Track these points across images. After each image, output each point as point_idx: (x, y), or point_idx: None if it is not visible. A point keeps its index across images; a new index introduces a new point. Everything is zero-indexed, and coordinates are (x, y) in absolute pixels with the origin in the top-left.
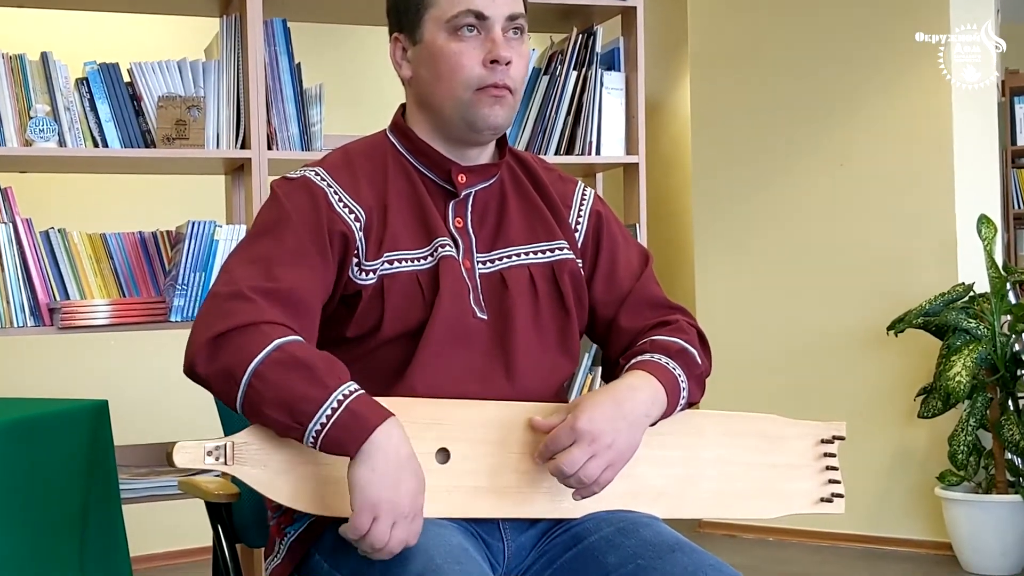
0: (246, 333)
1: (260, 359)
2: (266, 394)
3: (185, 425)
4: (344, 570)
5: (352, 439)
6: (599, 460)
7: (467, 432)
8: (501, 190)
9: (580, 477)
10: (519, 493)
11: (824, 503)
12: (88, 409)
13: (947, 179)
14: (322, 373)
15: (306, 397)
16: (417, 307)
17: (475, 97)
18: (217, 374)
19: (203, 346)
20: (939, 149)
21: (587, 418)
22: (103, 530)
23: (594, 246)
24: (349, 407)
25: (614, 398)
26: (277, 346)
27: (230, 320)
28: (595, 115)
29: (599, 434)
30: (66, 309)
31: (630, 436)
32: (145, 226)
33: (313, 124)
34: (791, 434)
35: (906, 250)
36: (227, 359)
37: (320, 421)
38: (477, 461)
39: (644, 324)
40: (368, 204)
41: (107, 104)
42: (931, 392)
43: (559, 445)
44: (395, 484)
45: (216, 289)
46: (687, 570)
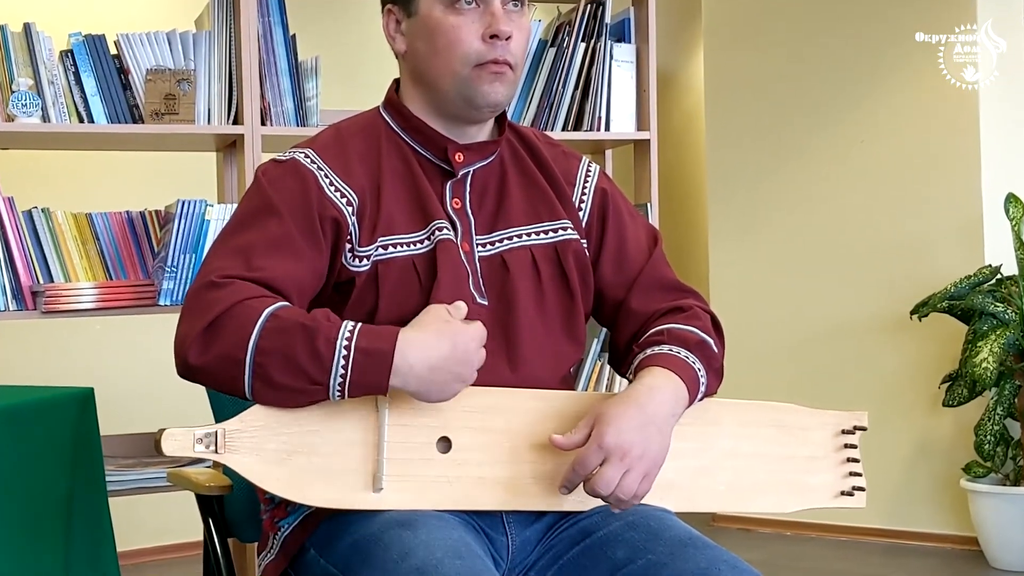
0: (233, 313)
1: (257, 333)
2: (274, 366)
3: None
4: (340, 565)
5: (376, 375)
6: (634, 474)
7: (469, 420)
8: (501, 168)
9: (618, 496)
10: (524, 484)
11: (845, 496)
12: (73, 397)
13: (973, 155)
14: (321, 326)
15: (315, 355)
16: (414, 294)
17: (474, 73)
18: (216, 362)
19: (194, 340)
20: (965, 124)
21: (613, 431)
22: (88, 524)
23: (600, 225)
24: (358, 347)
25: (637, 403)
26: (269, 314)
27: (215, 308)
28: (604, 89)
29: (630, 446)
30: (50, 292)
31: (661, 440)
32: (133, 205)
33: (309, 99)
34: (810, 424)
35: (930, 230)
36: (223, 344)
37: (339, 373)
38: (480, 451)
39: (655, 308)
40: (361, 186)
41: (93, 77)
42: (956, 379)
43: (588, 468)
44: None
45: (195, 286)
46: (700, 566)
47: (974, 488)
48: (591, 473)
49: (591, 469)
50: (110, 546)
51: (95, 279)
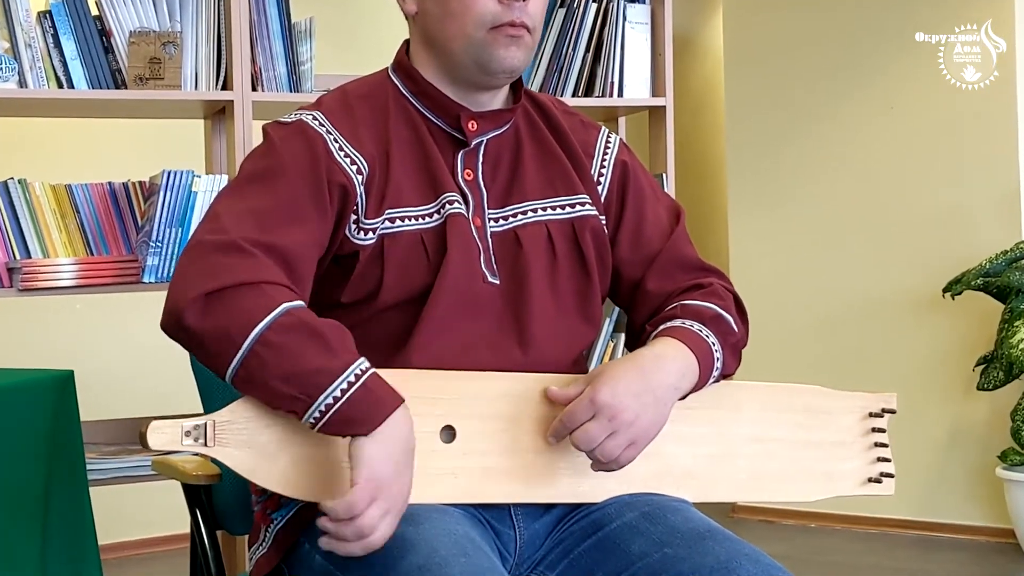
0: (248, 292)
1: (267, 323)
2: (271, 362)
3: (159, 399)
4: (337, 562)
5: (367, 419)
6: (619, 438)
7: (475, 407)
8: (516, 138)
9: (597, 456)
10: (533, 475)
11: (872, 484)
12: (51, 380)
13: (1010, 123)
14: (335, 344)
15: (320, 369)
16: (421, 270)
17: (489, 36)
18: (212, 332)
19: (195, 300)
20: (1001, 89)
21: (608, 390)
22: (68, 516)
23: (619, 201)
24: (366, 384)
25: (639, 368)
26: (285, 310)
27: (228, 276)
28: (617, 52)
29: (621, 409)
30: (27, 269)
31: (656, 411)
32: (115, 176)
33: (302, 63)
34: (836, 407)
35: (964, 202)
36: (226, 318)
37: (333, 395)
38: (486, 440)
39: (674, 287)
40: (370, 153)
41: (73, 40)
42: (992, 361)
43: (576, 421)
44: (400, 474)
45: (204, 237)
46: (719, 560)
47: (1011, 477)
48: (578, 426)
49: (578, 423)
50: (91, 539)
51: (75, 255)
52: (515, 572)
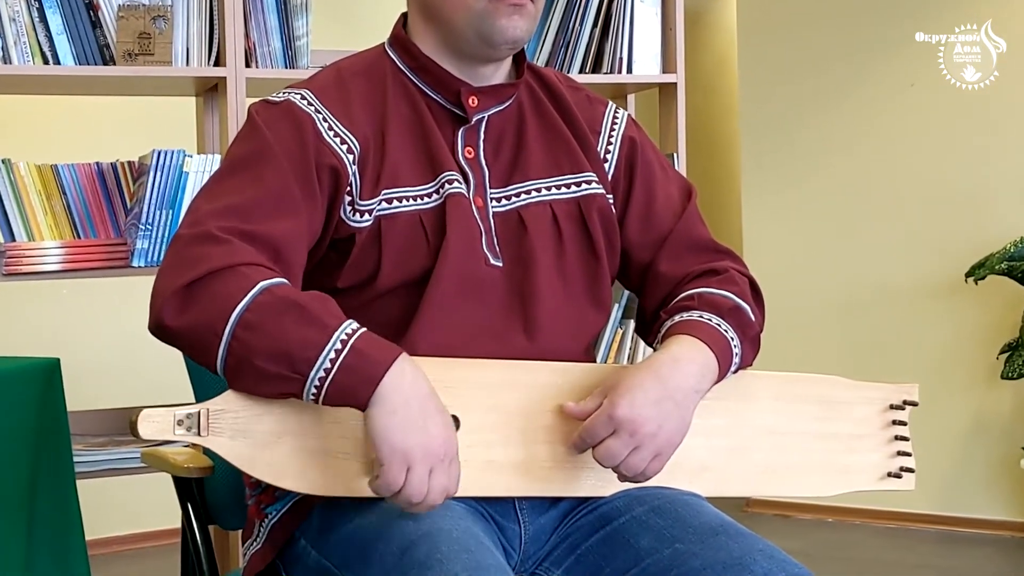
0: (223, 277)
1: (244, 305)
2: (256, 344)
3: (149, 387)
4: (334, 558)
5: (362, 384)
6: (644, 451)
7: (479, 397)
8: (519, 114)
9: (622, 471)
10: (539, 468)
11: (892, 478)
12: (37, 369)
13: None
14: (318, 313)
15: (305, 342)
16: (420, 253)
17: (491, 6)
18: (192, 327)
19: (172, 296)
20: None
21: (627, 403)
22: (54, 509)
23: (627, 178)
24: (354, 347)
25: (657, 375)
26: (263, 288)
27: (202, 265)
28: (626, 27)
29: (641, 422)
30: (11, 252)
31: (679, 418)
32: (103, 156)
33: (298, 38)
34: (855, 398)
35: (987, 183)
36: (203, 309)
37: (324, 367)
38: (490, 431)
39: (687, 271)
40: (363, 132)
41: (59, 14)
42: (1016, 349)
43: (596, 437)
44: (423, 425)
45: (181, 232)
46: (733, 556)
47: None
48: (598, 443)
49: (598, 440)
50: (78, 534)
51: (61, 238)
52: (520, 568)
